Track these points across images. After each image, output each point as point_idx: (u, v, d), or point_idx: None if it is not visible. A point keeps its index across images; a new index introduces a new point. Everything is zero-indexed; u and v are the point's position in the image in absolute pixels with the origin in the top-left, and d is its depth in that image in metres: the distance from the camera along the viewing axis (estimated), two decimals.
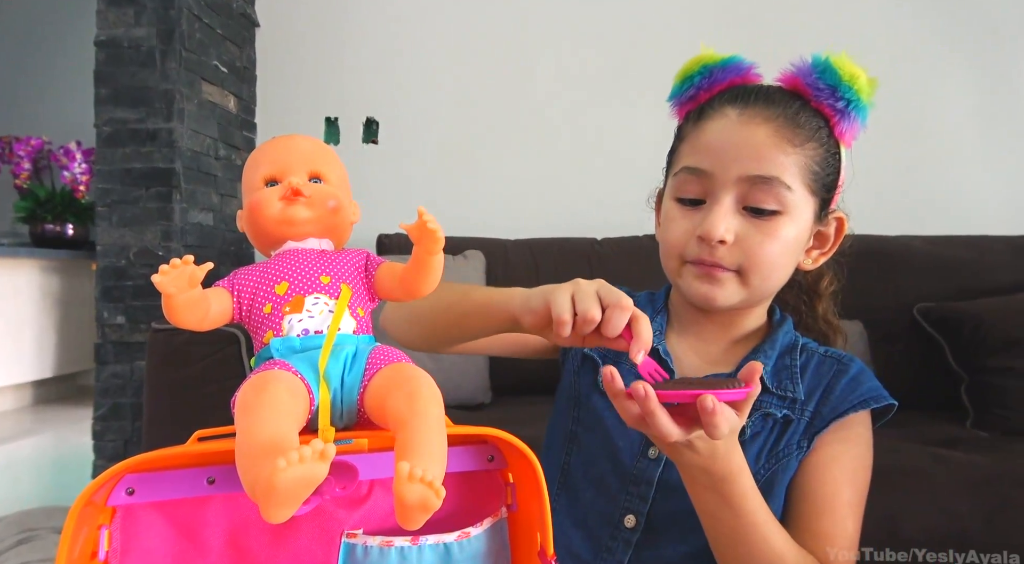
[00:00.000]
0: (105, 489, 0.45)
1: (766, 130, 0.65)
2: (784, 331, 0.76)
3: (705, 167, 0.67)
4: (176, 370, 1.42)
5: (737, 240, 0.66)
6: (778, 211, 0.66)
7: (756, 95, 0.68)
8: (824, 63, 0.66)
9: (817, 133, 0.67)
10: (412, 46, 2.42)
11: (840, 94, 0.66)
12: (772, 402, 0.71)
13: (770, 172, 0.65)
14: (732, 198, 0.66)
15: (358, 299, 0.54)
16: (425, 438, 0.42)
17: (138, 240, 2.04)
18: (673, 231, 0.71)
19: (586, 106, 2.39)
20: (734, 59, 0.72)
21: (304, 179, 0.56)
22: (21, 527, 1.58)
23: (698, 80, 0.72)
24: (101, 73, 2.04)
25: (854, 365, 0.74)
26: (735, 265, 0.67)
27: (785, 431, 0.70)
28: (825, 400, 0.71)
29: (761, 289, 0.70)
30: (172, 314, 0.48)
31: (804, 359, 0.74)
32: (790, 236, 0.67)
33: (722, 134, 0.67)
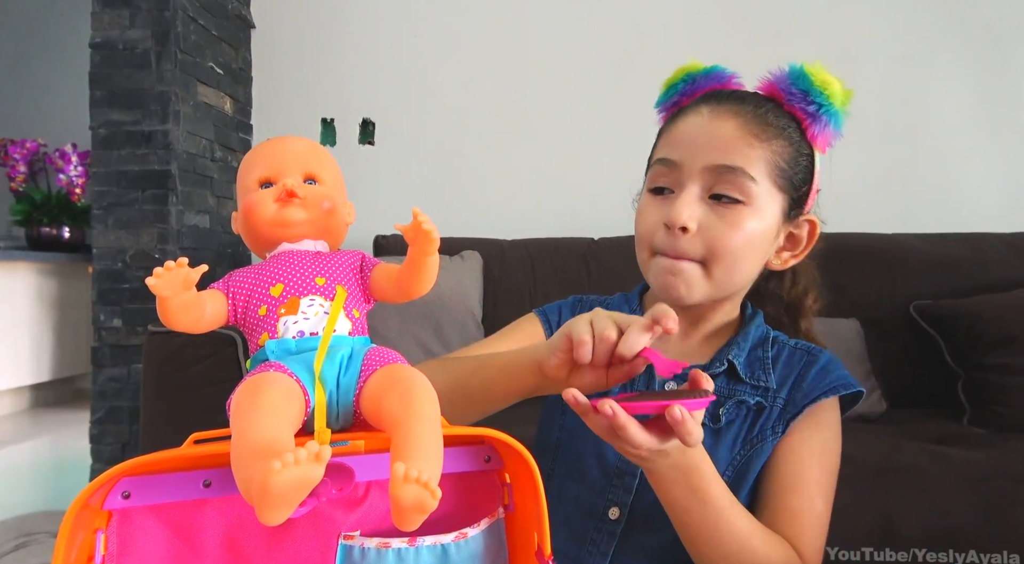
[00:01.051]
0: (101, 493, 0.45)
1: (734, 123, 0.69)
2: (756, 324, 0.78)
3: (675, 158, 0.70)
4: (173, 373, 1.42)
5: (701, 229, 0.68)
6: (741, 201, 0.68)
7: (730, 95, 0.72)
8: (799, 70, 0.70)
9: (785, 132, 0.70)
10: (408, 47, 2.41)
11: (811, 98, 0.69)
12: (746, 390, 0.74)
13: (734, 162, 0.68)
14: (698, 187, 0.69)
15: (353, 300, 0.54)
16: (421, 439, 0.42)
17: (134, 243, 2.04)
18: (643, 220, 0.73)
19: (582, 106, 2.39)
20: (716, 68, 0.76)
21: (299, 180, 0.56)
22: (19, 531, 1.58)
23: (681, 86, 0.76)
24: (96, 75, 2.04)
25: (823, 356, 0.76)
26: (699, 255, 0.69)
27: (759, 418, 0.73)
28: (797, 388, 0.73)
29: (725, 282, 0.71)
30: (167, 317, 0.48)
31: (776, 351, 0.77)
32: (754, 228, 0.69)
33: (693, 127, 0.71)
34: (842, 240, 1.97)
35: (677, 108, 0.76)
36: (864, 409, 1.63)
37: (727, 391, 0.74)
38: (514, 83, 2.41)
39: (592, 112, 2.39)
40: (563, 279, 1.93)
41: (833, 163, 2.58)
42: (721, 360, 0.74)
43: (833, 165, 2.58)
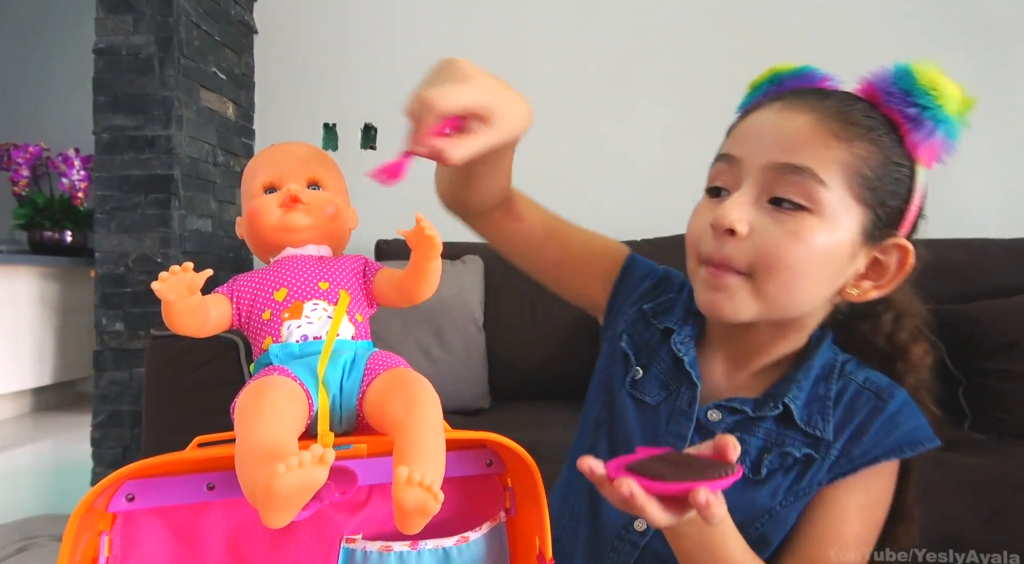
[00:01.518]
0: (106, 495, 0.45)
1: (808, 118, 0.59)
2: (822, 351, 0.66)
3: (735, 153, 0.61)
4: (175, 376, 1.42)
5: (753, 234, 0.58)
6: (807, 207, 0.57)
7: (811, 92, 0.62)
8: (903, 68, 0.59)
9: (873, 133, 0.59)
10: (410, 52, 2.42)
11: (913, 99, 0.58)
12: (797, 439, 0.64)
13: (802, 161, 0.57)
14: (755, 186, 0.59)
15: (356, 305, 0.55)
16: (423, 442, 0.43)
17: (137, 247, 2.04)
18: (692, 223, 0.65)
19: (585, 112, 2.40)
20: (807, 68, 0.66)
21: (303, 186, 0.57)
22: (21, 535, 1.58)
23: (765, 88, 0.67)
24: (100, 80, 2.05)
25: (894, 401, 0.64)
26: (746, 265, 0.59)
27: (807, 470, 0.63)
28: (855, 441, 0.63)
29: (781, 301, 0.60)
30: (171, 321, 0.48)
31: (841, 386, 0.65)
32: (821, 242, 0.57)
33: (761, 121, 0.62)
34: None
35: None
36: None
37: (775, 438, 0.64)
38: (515, 86, 2.41)
39: (593, 117, 2.39)
40: None
41: None
42: (775, 401, 0.64)
43: None
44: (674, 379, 0.69)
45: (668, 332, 0.71)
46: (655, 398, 0.70)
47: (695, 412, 0.67)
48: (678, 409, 0.68)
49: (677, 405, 0.68)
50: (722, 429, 0.65)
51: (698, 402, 0.67)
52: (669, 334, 0.71)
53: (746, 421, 0.65)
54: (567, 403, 1.80)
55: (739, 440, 0.59)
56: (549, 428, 1.49)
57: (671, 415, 0.68)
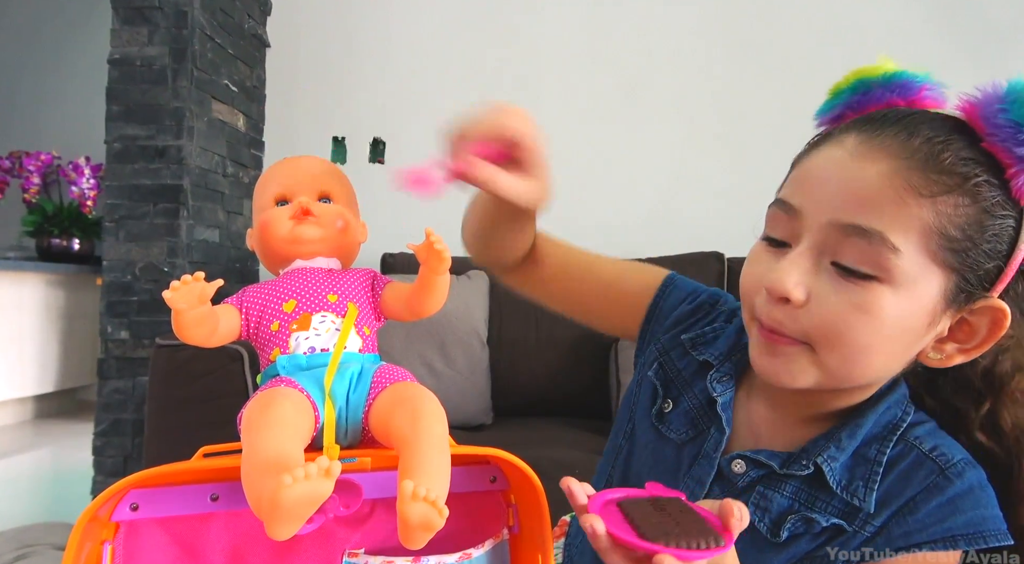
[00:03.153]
0: (110, 504, 0.45)
1: (882, 169, 0.49)
2: (886, 406, 0.57)
3: (795, 203, 0.53)
4: (179, 386, 1.42)
5: (811, 302, 0.51)
6: (875, 277, 0.49)
7: (895, 121, 0.51)
8: (1017, 91, 0.48)
9: (969, 184, 0.48)
10: (419, 67, 2.45)
11: None
12: (827, 505, 0.55)
13: (871, 224, 0.48)
14: (816, 247, 0.51)
15: (364, 318, 0.55)
16: (429, 457, 0.43)
17: (144, 256, 2.05)
18: (747, 274, 0.57)
19: (592, 127, 2.41)
20: (902, 75, 0.55)
21: (313, 199, 0.57)
22: (19, 543, 1.57)
23: (847, 97, 0.57)
24: (113, 90, 2.07)
25: (962, 481, 0.53)
26: (801, 334, 0.52)
27: (834, 539, 0.55)
28: (900, 519, 0.53)
29: (842, 374, 0.53)
30: (181, 330, 0.49)
31: (897, 451, 0.56)
32: (889, 312, 0.49)
33: (826, 166, 0.52)
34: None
35: (839, 123, 0.57)
36: None
37: (804, 499, 0.56)
38: (524, 103, 2.37)
39: (601, 135, 2.41)
40: None
41: None
42: (808, 458, 0.56)
43: None
44: (704, 418, 0.63)
45: (706, 366, 0.65)
46: (681, 435, 0.63)
47: (717, 459, 0.60)
48: (704, 453, 0.61)
49: (703, 448, 0.61)
50: (745, 482, 0.59)
51: (722, 448, 0.61)
52: (707, 368, 0.64)
53: (771, 477, 0.58)
54: (570, 420, 1.80)
55: (762, 496, 0.57)
56: (552, 445, 1.49)
57: (695, 457, 0.62)
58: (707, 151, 2.35)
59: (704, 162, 2.35)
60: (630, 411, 0.70)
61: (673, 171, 2.38)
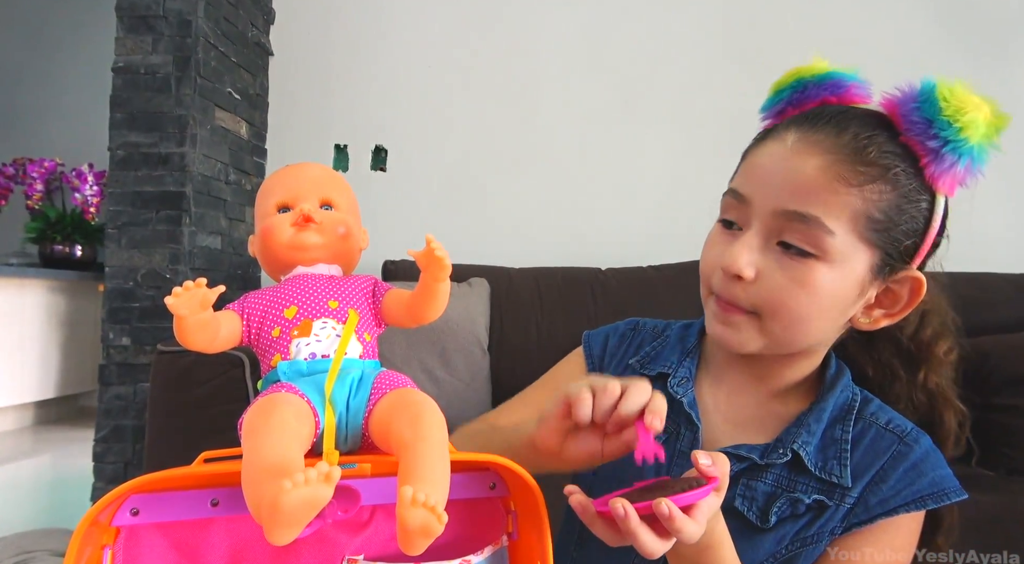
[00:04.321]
0: (111, 509, 0.45)
1: (817, 163, 0.56)
2: (840, 389, 0.65)
3: (745, 192, 0.61)
4: (180, 392, 1.43)
5: (760, 278, 0.58)
6: (813, 254, 0.57)
7: (828, 119, 0.59)
8: (928, 91, 0.56)
9: (889, 173, 0.56)
10: (421, 76, 2.46)
11: (934, 130, 0.55)
12: (808, 485, 0.62)
13: (808, 210, 0.56)
14: (763, 231, 0.59)
15: (365, 324, 0.55)
16: (428, 463, 0.43)
17: (146, 262, 2.06)
18: (705, 254, 0.64)
19: (592, 136, 2.42)
20: (833, 75, 0.63)
21: (315, 206, 0.57)
22: (18, 548, 1.57)
23: (788, 94, 0.64)
24: (117, 98, 2.08)
25: (918, 446, 0.62)
26: (751, 306, 0.59)
27: (818, 517, 0.61)
28: (874, 488, 0.60)
29: (785, 339, 0.60)
30: (183, 335, 0.49)
31: (859, 429, 0.63)
32: (825, 285, 0.57)
33: (770, 159, 0.60)
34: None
35: (781, 118, 0.64)
36: None
37: (785, 484, 0.62)
38: (524, 113, 2.44)
39: (601, 143, 2.42)
40: (570, 308, 1.93)
41: None
42: (784, 447, 0.62)
43: None
44: (672, 422, 0.67)
45: (662, 377, 0.70)
46: None
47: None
48: (679, 452, 0.66)
49: (678, 448, 0.67)
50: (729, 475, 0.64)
51: (700, 444, 0.66)
52: (664, 378, 0.70)
53: (754, 468, 0.63)
54: None
55: (747, 487, 0.63)
56: None
57: (672, 458, 0.67)
58: (706, 159, 2.35)
59: (703, 170, 2.35)
60: None
61: (672, 179, 2.38)
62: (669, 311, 0.80)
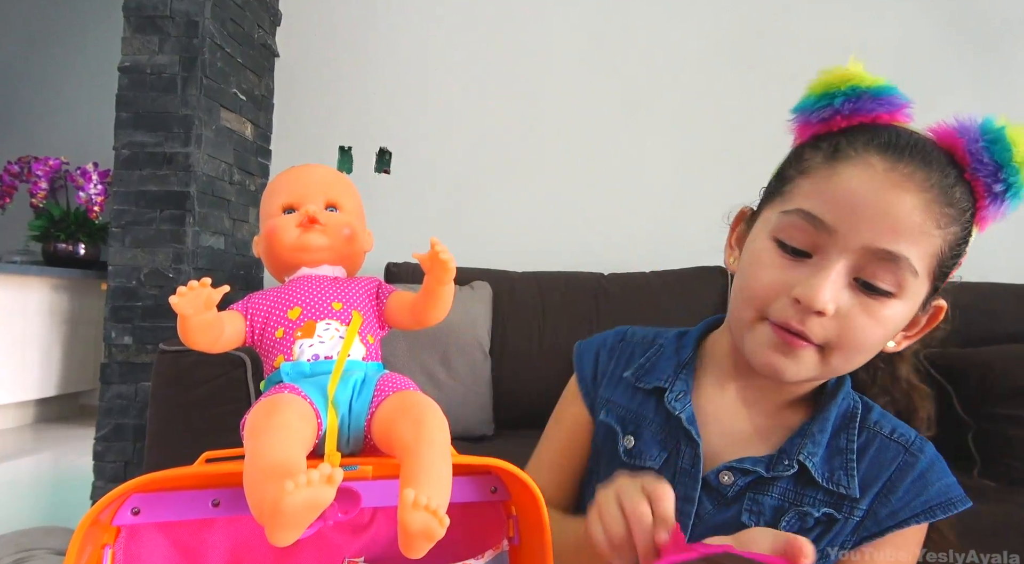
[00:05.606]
0: (112, 508, 0.45)
1: (915, 201, 0.54)
2: (841, 397, 0.64)
3: (828, 220, 0.56)
4: (181, 391, 1.43)
5: (838, 315, 0.56)
6: (893, 294, 0.56)
7: (911, 151, 0.56)
8: (997, 132, 0.54)
9: (964, 215, 0.56)
10: (426, 79, 2.46)
11: (1004, 176, 0.54)
12: (815, 498, 0.61)
13: (902, 251, 0.54)
14: (848, 265, 0.55)
15: (368, 326, 0.55)
16: (431, 466, 0.43)
17: (149, 261, 2.06)
18: (762, 279, 0.59)
19: (596, 141, 2.42)
20: (889, 90, 0.59)
21: (321, 207, 0.58)
22: (18, 547, 1.57)
23: (841, 102, 0.59)
24: (123, 97, 2.09)
25: (924, 456, 0.62)
26: (823, 340, 0.57)
27: (828, 530, 0.60)
28: (883, 500, 0.60)
29: (840, 370, 0.59)
30: (186, 335, 0.49)
31: (864, 439, 0.62)
32: (894, 323, 0.57)
33: (861, 188, 0.55)
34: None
35: (827, 126, 0.60)
36: None
37: (792, 497, 0.61)
38: (529, 117, 2.45)
39: (605, 148, 2.42)
40: (572, 313, 1.93)
41: None
42: (790, 458, 0.61)
43: None
44: (671, 438, 0.66)
45: (658, 391, 0.69)
46: (655, 461, 0.66)
47: (699, 472, 0.63)
48: (681, 469, 0.65)
49: (679, 466, 0.65)
50: (734, 492, 0.62)
51: (702, 460, 0.64)
52: (659, 393, 0.68)
53: (759, 482, 0.62)
54: None
55: (753, 501, 0.61)
56: None
57: (674, 476, 0.65)
58: (709, 166, 2.36)
59: (706, 177, 2.35)
60: (597, 468, 0.72)
61: (676, 186, 2.38)
62: (671, 317, 0.79)
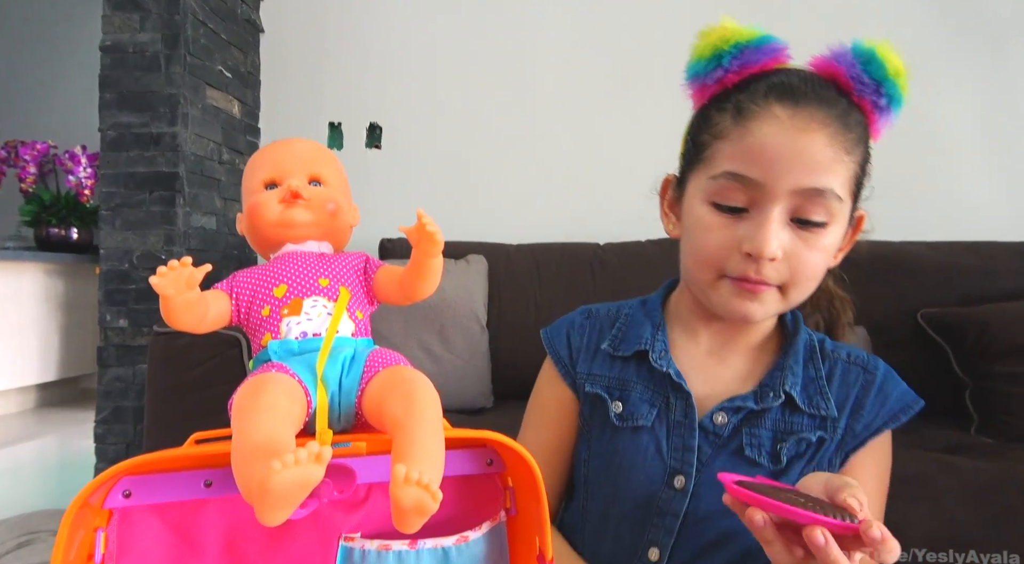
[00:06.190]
0: (102, 491, 0.44)
1: (822, 138, 0.59)
2: (804, 332, 0.71)
3: (755, 176, 0.60)
4: (177, 373, 1.42)
5: (785, 255, 0.61)
6: (826, 223, 0.61)
7: (805, 94, 0.60)
8: (869, 53, 0.60)
9: (863, 134, 0.62)
10: (415, 52, 2.42)
11: (885, 90, 0.60)
12: (805, 423, 0.66)
13: (825, 184, 0.59)
14: (783, 211, 0.60)
15: (357, 302, 0.54)
16: (422, 441, 0.42)
17: (141, 244, 2.04)
18: (711, 241, 0.63)
19: (589, 111, 2.39)
20: (768, 39, 0.63)
21: (303, 182, 0.56)
22: (22, 530, 1.58)
23: (729, 61, 0.63)
24: (106, 78, 2.05)
25: (879, 372, 0.69)
26: (779, 281, 0.62)
27: (819, 452, 0.66)
28: (856, 416, 0.67)
29: (797, 302, 0.65)
30: (170, 316, 0.48)
31: (828, 367, 0.69)
32: (831, 245, 0.62)
33: (774, 139, 0.59)
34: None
35: (720, 85, 0.64)
36: None
37: (783, 426, 0.66)
38: (521, 88, 2.41)
39: (599, 118, 2.39)
40: (569, 284, 1.92)
41: None
42: (775, 389, 0.67)
43: None
44: (659, 395, 0.70)
45: (640, 354, 0.72)
46: (647, 419, 0.69)
47: (694, 420, 0.67)
48: (674, 422, 0.68)
49: (672, 418, 0.68)
50: (729, 430, 0.67)
51: (695, 408, 0.67)
52: (642, 356, 0.71)
53: (751, 416, 0.67)
54: None
55: (751, 435, 0.66)
56: None
57: (669, 430, 0.68)
58: None
59: None
60: (585, 438, 0.74)
61: (671, 154, 2.32)
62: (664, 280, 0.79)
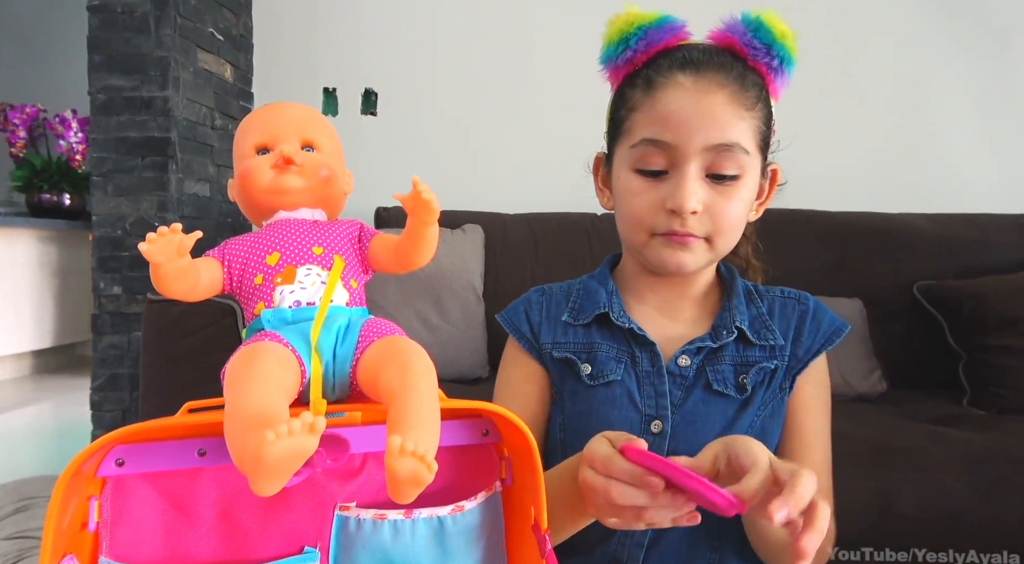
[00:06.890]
0: (94, 460, 0.44)
1: (723, 97, 0.66)
2: (739, 282, 0.78)
3: (668, 139, 0.67)
4: (172, 342, 1.42)
5: (705, 208, 0.67)
6: (738, 175, 0.67)
7: (705, 62, 0.68)
8: (756, 21, 0.68)
9: (761, 93, 0.69)
10: (412, 17, 2.37)
11: (775, 52, 0.68)
12: (758, 355, 0.73)
13: (731, 139, 0.66)
14: (697, 168, 0.67)
15: (351, 270, 0.53)
16: (417, 411, 0.42)
17: (134, 210, 2.02)
18: (638, 204, 0.70)
19: (588, 79, 2.35)
20: (668, 19, 0.72)
21: (296, 147, 0.55)
22: (19, 496, 1.59)
23: (636, 42, 0.71)
24: (95, 39, 2.01)
25: (810, 302, 0.77)
26: (704, 233, 0.69)
27: (773, 379, 0.73)
28: (797, 342, 0.74)
29: (724, 250, 0.72)
30: (160, 283, 0.47)
31: (767, 304, 0.77)
32: (747, 196, 0.69)
33: (680, 103, 0.67)
34: (846, 219, 1.95)
35: (631, 65, 0.73)
36: (864, 389, 1.63)
37: (740, 359, 0.73)
38: (519, 55, 2.37)
39: (596, 86, 2.35)
40: (565, 253, 1.92)
41: (839, 143, 2.53)
42: (727, 327, 0.73)
43: (839, 145, 2.54)
44: (623, 351, 0.75)
45: (602, 317, 0.76)
46: (619, 373, 0.73)
47: (662, 367, 0.73)
48: (643, 372, 0.73)
49: (640, 369, 0.73)
50: (693, 371, 0.72)
51: (661, 356, 0.73)
52: (604, 319, 0.76)
53: (712, 354, 0.73)
54: None
55: (715, 371, 0.72)
56: None
57: (639, 381, 0.73)
58: None
59: None
60: (558, 404, 0.77)
61: None
62: None
